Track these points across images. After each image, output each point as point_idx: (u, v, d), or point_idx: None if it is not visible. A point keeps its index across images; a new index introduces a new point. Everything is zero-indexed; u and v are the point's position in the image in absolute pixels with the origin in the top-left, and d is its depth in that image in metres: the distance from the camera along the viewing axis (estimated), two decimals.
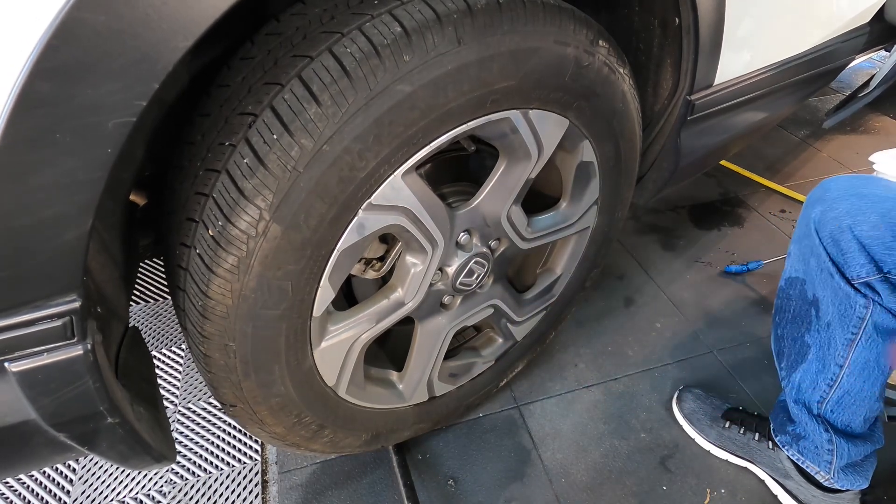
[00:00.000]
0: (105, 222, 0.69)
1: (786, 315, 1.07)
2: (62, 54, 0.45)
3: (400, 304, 0.93)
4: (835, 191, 0.93)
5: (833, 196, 0.92)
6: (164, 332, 1.54)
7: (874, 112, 2.65)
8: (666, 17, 1.00)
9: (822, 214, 0.92)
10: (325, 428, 0.99)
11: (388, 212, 0.78)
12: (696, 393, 1.34)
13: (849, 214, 0.88)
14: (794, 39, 1.28)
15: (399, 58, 0.66)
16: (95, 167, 0.50)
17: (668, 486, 1.22)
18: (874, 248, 0.87)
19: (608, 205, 1.12)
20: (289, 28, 0.70)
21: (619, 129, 0.99)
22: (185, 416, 1.33)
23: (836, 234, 0.90)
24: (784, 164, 2.31)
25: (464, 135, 0.79)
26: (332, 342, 0.88)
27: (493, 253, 1.01)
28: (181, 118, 0.76)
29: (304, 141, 0.65)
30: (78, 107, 0.47)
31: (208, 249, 0.69)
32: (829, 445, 1.06)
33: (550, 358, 1.49)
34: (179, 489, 1.20)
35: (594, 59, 0.85)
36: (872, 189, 0.90)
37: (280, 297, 0.74)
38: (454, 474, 1.23)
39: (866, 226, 0.87)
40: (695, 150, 1.21)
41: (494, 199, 0.93)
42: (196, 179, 0.70)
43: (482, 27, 0.71)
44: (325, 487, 1.20)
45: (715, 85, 1.10)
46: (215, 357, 0.77)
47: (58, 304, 0.54)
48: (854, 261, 0.89)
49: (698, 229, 1.96)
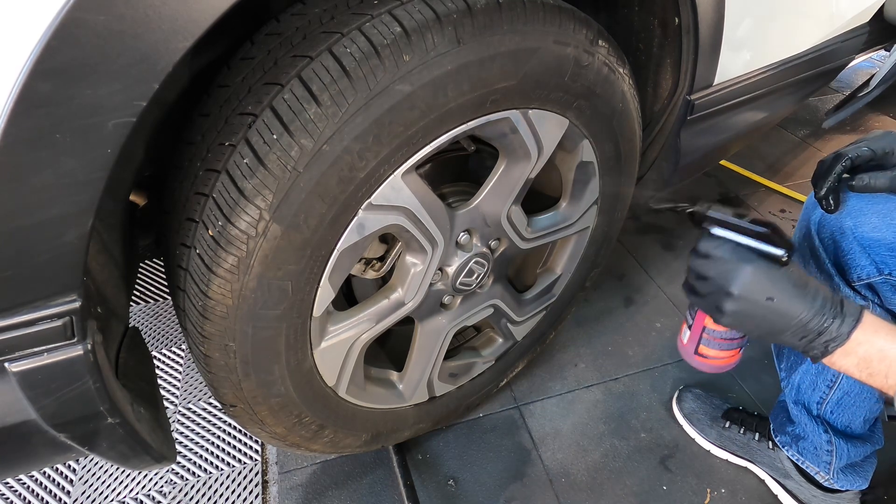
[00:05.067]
0: (105, 222, 0.69)
1: None
2: (62, 54, 0.45)
3: (400, 304, 0.93)
4: None
5: None
6: (164, 332, 1.54)
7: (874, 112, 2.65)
8: (666, 17, 1.01)
9: (823, 217, 0.92)
10: (326, 428, 0.99)
11: (388, 212, 0.78)
12: (696, 393, 1.34)
13: (849, 216, 0.88)
14: (794, 39, 1.28)
15: (399, 58, 0.66)
16: (95, 167, 0.50)
17: (669, 485, 1.22)
18: (875, 249, 0.86)
19: (608, 205, 1.12)
20: (289, 28, 0.70)
21: (619, 128, 0.99)
22: (185, 417, 1.33)
23: (836, 236, 0.90)
24: (784, 164, 2.31)
25: (464, 135, 0.79)
26: (332, 342, 0.88)
27: (493, 253, 1.01)
28: (181, 118, 0.76)
29: (304, 141, 0.65)
30: (78, 107, 0.47)
31: (208, 249, 0.69)
32: (828, 446, 1.06)
33: (550, 358, 1.49)
34: (179, 489, 1.20)
35: (594, 59, 0.85)
36: None
37: (280, 297, 0.74)
38: (454, 474, 1.23)
39: (867, 227, 0.87)
40: (695, 149, 1.21)
41: (494, 199, 0.93)
42: (196, 179, 0.70)
43: (482, 27, 0.71)
44: (325, 487, 1.20)
45: (715, 85, 1.10)
46: (215, 357, 0.77)
47: (58, 304, 0.54)
48: (855, 263, 0.89)
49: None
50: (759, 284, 0.67)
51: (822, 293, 0.67)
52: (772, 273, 0.68)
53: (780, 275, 0.67)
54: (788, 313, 0.67)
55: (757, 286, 0.68)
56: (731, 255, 0.70)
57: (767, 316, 0.68)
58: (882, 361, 0.65)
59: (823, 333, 0.66)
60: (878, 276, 0.88)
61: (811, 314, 0.66)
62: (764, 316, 0.68)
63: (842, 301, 0.67)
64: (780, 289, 0.67)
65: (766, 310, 0.68)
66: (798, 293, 0.67)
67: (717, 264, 0.71)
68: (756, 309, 0.68)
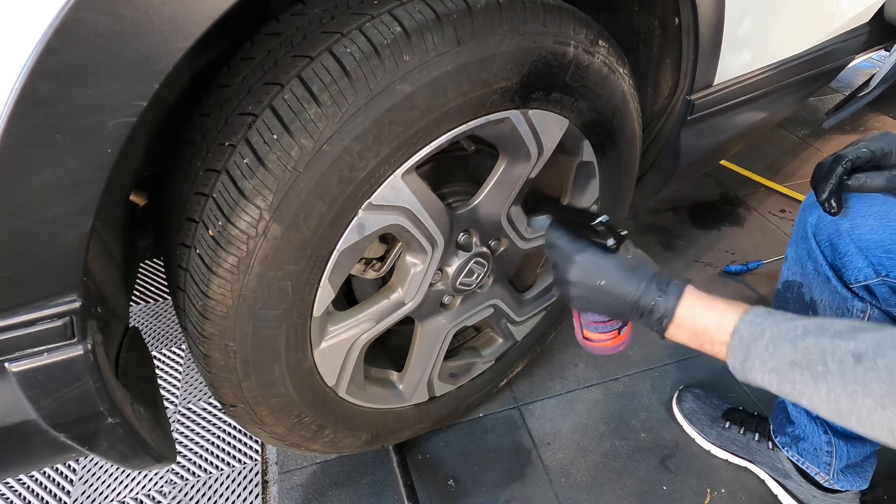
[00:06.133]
0: (105, 222, 0.69)
1: None
2: (62, 55, 0.45)
3: (400, 304, 0.93)
4: None
5: None
6: (164, 332, 1.54)
7: (874, 112, 2.65)
8: (666, 18, 1.01)
9: (819, 219, 0.92)
10: (326, 428, 0.99)
11: (388, 212, 0.78)
12: (696, 393, 1.34)
13: (846, 218, 0.88)
14: (794, 39, 1.28)
15: (399, 58, 0.66)
16: (95, 167, 0.50)
17: (669, 485, 1.22)
18: (872, 251, 0.86)
19: (608, 205, 1.12)
20: (289, 28, 0.70)
21: (619, 128, 0.99)
22: (185, 417, 1.33)
23: (833, 238, 0.90)
24: (784, 164, 2.31)
25: (464, 135, 0.79)
26: (332, 342, 0.88)
27: (493, 253, 1.01)
28: (181, 118, 0.76)
29: (304, 141, 0.65)
30: (78, 107, 0.47)
31: (208, 249, 0.69)
32: (828, 447, 1.06)
33: (550, 358, 1.49)
34: (179, 489, 1.20)
35: (594, 59, 0.85)
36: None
37: (280, 297, 0.74)
38: (454, 474, 1.23)
39: (864, 229, 0.86)
40: (695, 149, 1.21)
41: (494, 199, 0.93)
42: (196, 179, 0.70)
43: (482, 27, 0.71)
44: (325, 487, 1.20)
45: (715, 85, 1.10)
46: (215, 357, 0.77)
47: (58, 304, 0.54)
48: (852, 264, 0.89)
49: (698, 229, 1.96)
50: (590, 270, 0.75)
51: (649, 274, 0.73)
52: (600, 259, 0.75)
53: (608, 261, 0.74)
54: (620, 295, 0.73)
55: (588, 272, 0.75)
56: (567, 244, 0.77)
57: (603, 299, 0.75)
58: (704, 333, 0.70)
59: (654, 311, 0.72)
60: (875, 278, 0.88)
61: (639, 293, 0.72)
62: (600, 299, 0.75)
63: (669, 280, 0.73)
64: (609, 273, 0.74)
65: (600, 293, 0.74)
66: (626, 276, 0.73)
67: (558, 253, 0.79)
68: (592, 293, 0.75)
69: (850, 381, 0.58)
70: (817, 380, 0.60)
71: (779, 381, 0.63)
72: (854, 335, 0.60)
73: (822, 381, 0.60)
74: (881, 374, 0.57)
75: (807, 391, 0.61)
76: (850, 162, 0.82)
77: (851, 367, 0.58)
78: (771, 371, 0.63)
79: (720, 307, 0.70)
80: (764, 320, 0.66)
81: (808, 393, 0.61)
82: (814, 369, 0.60)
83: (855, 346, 0.59)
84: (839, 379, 0.59)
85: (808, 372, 0.61)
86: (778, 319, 0.66)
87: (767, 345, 0.64)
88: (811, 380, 0.60)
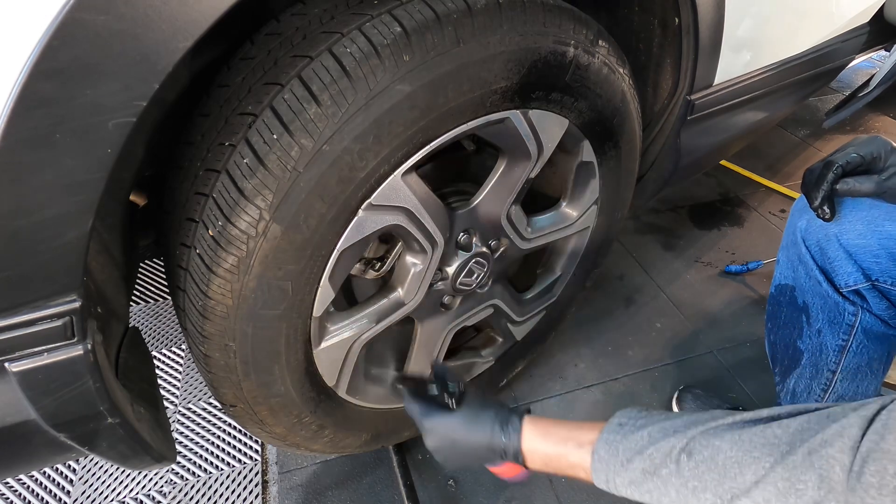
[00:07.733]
0: (105, 222, 0.69)
1: (777, 321, 1.06)
2: (62, 55, 0.45)
3: (400, 304, 0.93)
4: None
5: None
6: (164, 332, 1.54)
7: (874, 112, 2.65)
8: (666, 17, 1.00)
9: (809, 223, 0.92)
10: (325, 428, 0.99)
11: (388, 212, 0.78)
12: (695, 393, 1.34)
13: (835, 223, 0.88)
14: (794, 39, 1.28)
15: (399, 58, 0.66)
16: (95, 167, 0.50)
17: None
18: (861, 256, 0.87)
19: (608, 205, 1.12)
20: (289, 28, 0.70)
21: (619, 128, 0.99)
22: (185, 417, 1.33)
23: (822, 242, 0.90)
24: (784, 164, 2.31)
25: (464, 135, 0.79)
26: (332, 342, 0.88)
27: (493, 253, 1.01)
28: (181, 118, 0.76)
29: (304, 141, 0.65)
30: (78, 107, 0.47)
31: (208, 249, 0.69)
32: None
33: (550, 358, 1.49)
34: (179, 489, 1.20)
35: (594, 59, 0.85)
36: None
37: (280, 297, 0.74)
38: (454, 474, 1.23)
39: (853, 234, 0.87)
40: (695, 149, 1.21)
41: (494, 199, 0.93)
42: (196, 179, 0.70)
43: (482, 27, 0.71)
44: (325, 487, 1.20)
45: (715, 85, 1.10)
46: (215, 357, 0.77)
47: (58, 304, 0.54)
48: (842, 269, 0.89)
49: (698, 229, 1.96)
50: (440, 434, 0.78)
51: (490, 418, 0.76)
52: (447, 420, 0.78)
53: (453, 419, 0.77)
54: (475, 446, 0.76)
55: (439, 436, 0.78)
56: (417, 416, 0.80)
57: (461, 453, 0.77)
58: (558, 459, 0.71)
59: (507, 451, 0.74)
60: (864, 282, 0.88)
61: (487, 439, 0.75)
62: (464, 453, 0.77)
63: (507, 418, 0.75)
64: (457, 430, 0.77)
65: (459, 449, 0.77)
66: (472, 427, 0.76)
67: (416, 425, 0.81)
68: (452, 452, 0.78)
69: (689, 477, 0.59)
70: (665, 483, 0.61)
71: (640, 493, 0.64)
72: (686, 431, 0.62)
73: (669, 484, 0.61)
74: (710, 465, 0.58)
75: (663, 498, 0.62)
76: (840, 168, 0.82)
77: (685, 463, 0.60)
78: (630, 484, 0.64)
79: (561, 434, 0.72)
80: (616, 436, 0.67)
81: (664, 500, 0.62)
82: (660, 473, 0.62)
83: (686, 443, 0.61)
84: (679, 478, 0.60)
85: (657, 478, 0.62)
86: (628, 431, 0.67)
87: (622, 460, 0.65)
88: (661, 485, 0.62)
